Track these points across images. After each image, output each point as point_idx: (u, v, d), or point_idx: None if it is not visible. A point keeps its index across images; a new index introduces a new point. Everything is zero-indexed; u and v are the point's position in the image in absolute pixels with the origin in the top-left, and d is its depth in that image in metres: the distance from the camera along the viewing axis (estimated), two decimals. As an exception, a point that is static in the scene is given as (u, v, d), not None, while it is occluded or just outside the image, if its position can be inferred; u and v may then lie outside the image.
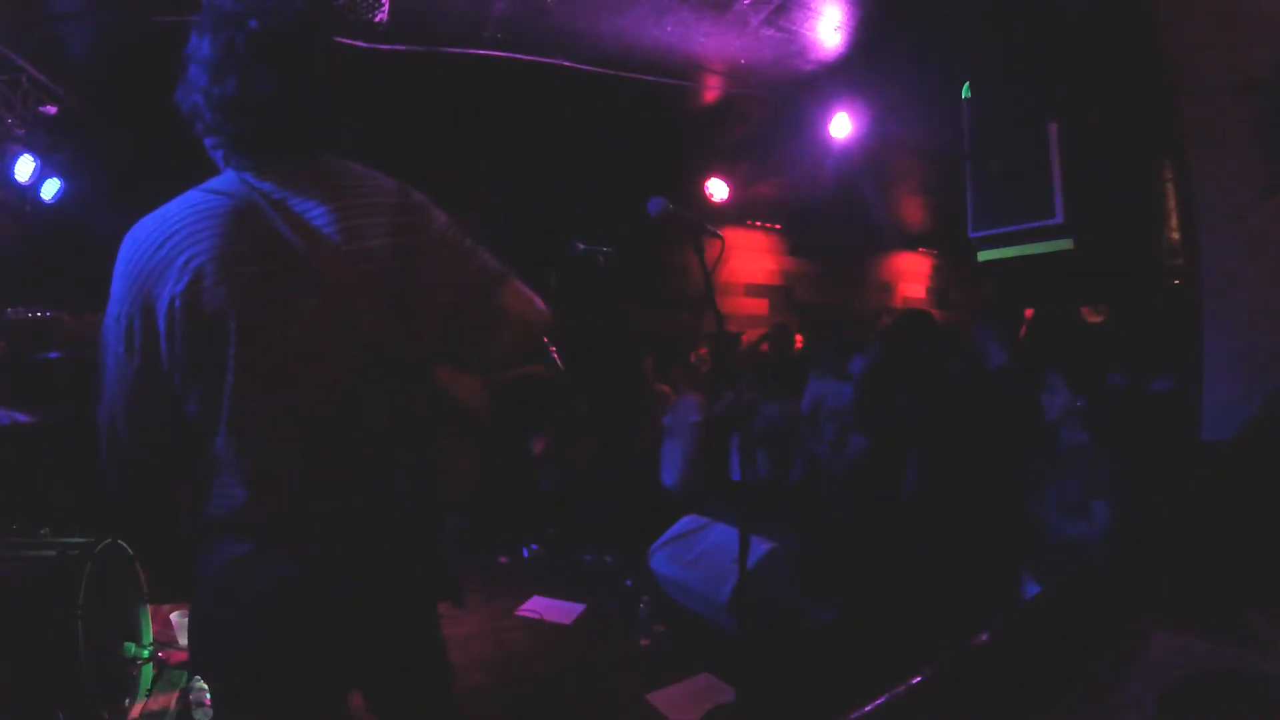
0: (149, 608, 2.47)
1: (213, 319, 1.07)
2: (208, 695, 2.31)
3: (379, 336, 1.13)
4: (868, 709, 0.68)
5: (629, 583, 3.75)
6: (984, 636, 0.80)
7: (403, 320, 1.16)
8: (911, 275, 8.67)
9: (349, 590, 1.12)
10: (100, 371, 1.19)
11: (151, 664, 2.39)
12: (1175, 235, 3.03)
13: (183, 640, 2.75)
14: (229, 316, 1.06)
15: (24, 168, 3.75)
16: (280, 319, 1.09)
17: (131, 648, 2.30)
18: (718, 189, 5.92)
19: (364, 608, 1.13)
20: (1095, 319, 4.20)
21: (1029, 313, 4.20)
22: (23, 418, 2.90)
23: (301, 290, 1.10)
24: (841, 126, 4.53)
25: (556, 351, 3.48)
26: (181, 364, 1.10)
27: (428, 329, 1.20)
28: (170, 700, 2.40)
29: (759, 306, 7.29)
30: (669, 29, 3.78)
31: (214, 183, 1.16)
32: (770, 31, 3.82)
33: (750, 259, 7.27)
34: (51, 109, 3.87)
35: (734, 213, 6.56)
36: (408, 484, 1.18)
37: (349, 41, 3.60)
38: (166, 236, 1.12)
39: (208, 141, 1.20)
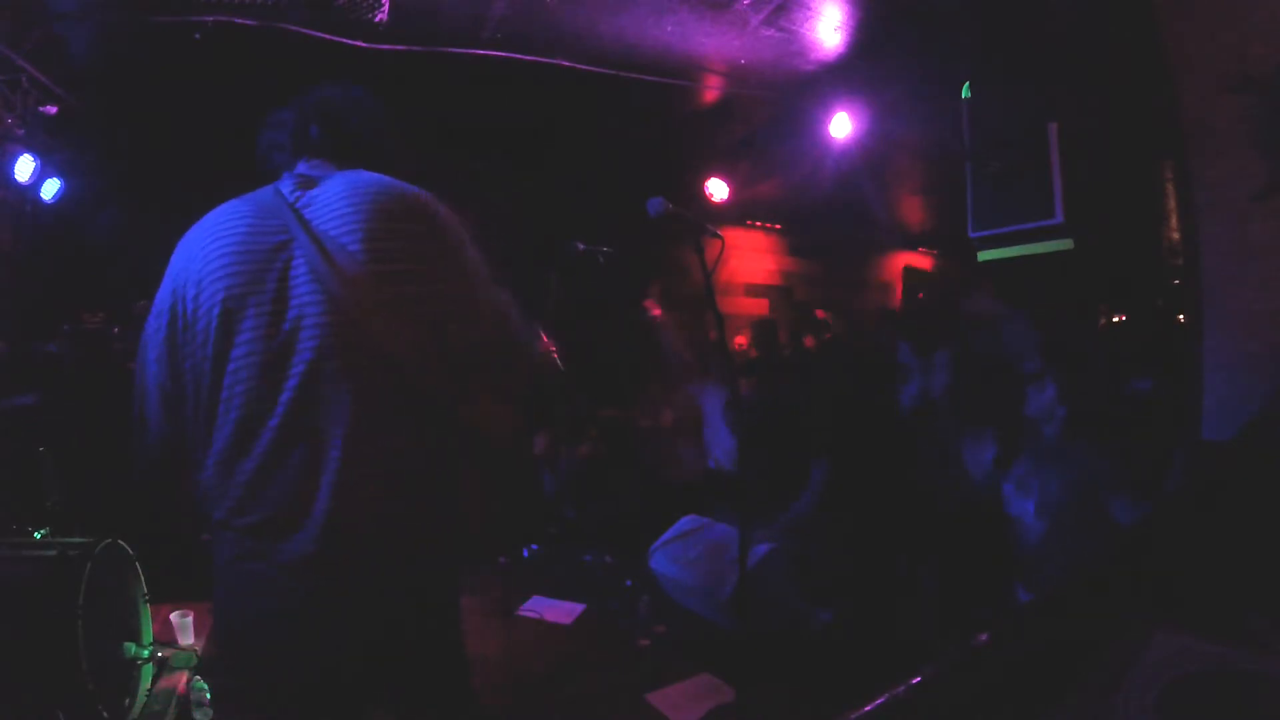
0: (149, 608, 2.47)
1: (217, 322, 1.12)
2: (208, 695, 2.32)
3: (398, 358, 1.12)
4: (868, 709, 0.68)
5: (629, 583, 3.74)
6: (984, 636, 0.80)
7: (423, 343, 1.15)
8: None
9: (343, 604, 1.11)
10: (140, 368, 1.24)
11: (151, 664, 2.39)
12: (1175, 235, 3.03)
13: (183, 640, 2.75)
14: (233, 319, 1.12)
15: (24, 168, 3.75)
16: (278, 328, 1.11)
17: (131, 648, 2.30)
18: (718, 189, 5.92)
19: (360, 620, 1.12)
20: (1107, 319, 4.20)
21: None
22: (26, 400, 2.91)
23: (313, 306, 1.12)
24: (841, 126, 4.53)
25: (556, 351, 3.48)
26: (195, 369, 1.14)
27: (448, 355, 1.18)
28: (178, 681, 2.41)
29: (759, 306, 7.29)
30: (669, 29, 3.78)
31: (251, 194, 1.25)
32: (770, 31, 3.82)
33: (750, 259, 7.27)
34: (51, 109, 3.87)
35: (734, 213, 6.55)
36: (420, 505, 1.16)
37: (349, 41, 3.60)
38: (196, 244, 1.20)
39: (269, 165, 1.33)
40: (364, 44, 3.63)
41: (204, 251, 1.17)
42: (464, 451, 1.22)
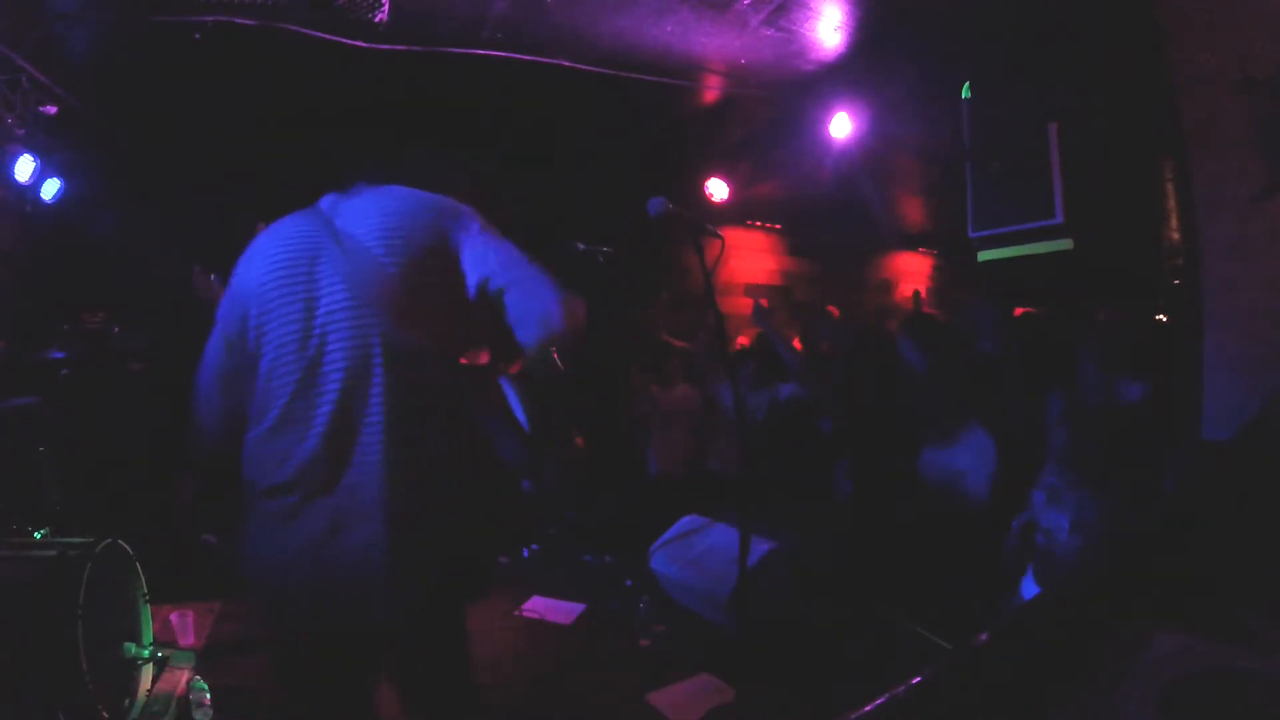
0: (149, 608, 2.47)
1: (263, 325, 1.30)
2: (207, 695, 2.32)
3: (418, 348, 1.25)
4: (868, 709, 0.68)
5: (629, 583, 3.75)
6: (984, 636, 0.80)
7: (440, 335, 1.27)
8: (911, 275, 8.66)
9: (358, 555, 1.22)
10: (204, 370, 1.41)
11: (152, 664, 2.39)
12: (1175, 235, 3.04)
13: (183, 640, 2.76)
14: (273, 321, 1.29)
15: (24, 168, 3.75)
16: (312, 327, 1.27)
17: (131, 648, 2.30)
18: (718, 189, 5.91)
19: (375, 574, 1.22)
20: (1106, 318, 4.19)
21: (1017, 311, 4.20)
22: (27, 401, 2.91)
23: (341, 303, 1.27)
24: (841, 126, 4.53)
25: (556, 351, 3.47)
26: (245, 367, 1.32)
27: (462, 345, 1.33)
28: (179, 681, 2.41)
29: (759, 307, 7.28)
30: (669, 29, 3.77)
31: (300, 210, 1.42)
32: (770, 31, 3.82)
33: (750, 259, 7.27)
34: (51, 109, 3.86)
35: (734, 213, 6.55)
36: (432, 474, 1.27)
37: (349, 41, 3.60)
38: (249, 259, 1.38)
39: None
40: (364, 44, 3.63)
41: (252, 264, 1.36)
42: (471, 432, 1.32)
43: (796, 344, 5.17)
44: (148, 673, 2.38)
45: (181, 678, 2.50)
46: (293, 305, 1.27)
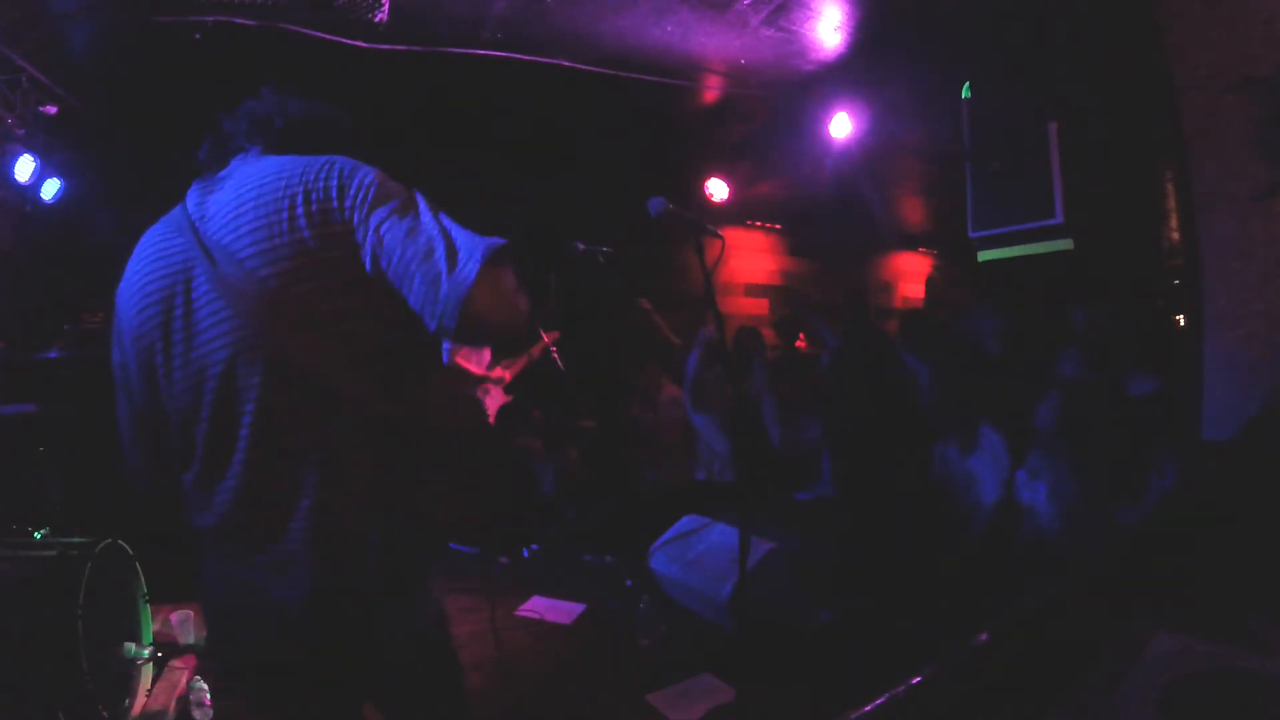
0: (149, 608, 2.47)
1: (144, 357, 1.15)
2: (208, 695, 2.32)
3: (306, 365, 1.05)
4: (868, 709, 0.68)
5: (629, 583, 3.74)
6: (984, 636, 0.80)
7: (329, 345, 1.06)
8: (911, 275, 8.66)
9: (288, 592, 1.09)
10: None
11: (151, 664, 2.39)
12: (1175, 235, 3.03)
13: (183, 640, 2.75)
14: (155, 350, 1.13)
15: (24, 168, 3.75)
16: (192, 351, 1.10)
17: (131, 648, 2.30)
18: (718, 189, 5.91)
19: (308, 608, 1.09)
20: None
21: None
22: (25, 408, 2.90)
23: (218, 326, 1.08)
24: (841, 126, 4.53)
25: (557, 352, 3.47)
26: (139, 402, 1.20)
27: (360, 352, 1.08)
28: (170, 699, 2.40)
29: (759, 306, 7.29)
30: (669, 29, 3.78)
31: (169, 212, 1.23)
32: (770, 31, 3.82)
33: (750, 259, 7.26)
34: (51, 109, 3.87)
35: (734, 213, 6.55)
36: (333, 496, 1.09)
37: (349, 41, 3.60)
38: (124, 280, 1.21)
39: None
40: (364, 44, 3.63)
41: (126, 287, 1.18)
42: (417, 444, 1.14)
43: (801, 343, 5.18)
44: (148, 673, 2.38)
45: (182, 677, 2.50)
46: (177, 343, 1.10)
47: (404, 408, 1.11)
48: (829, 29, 3.80)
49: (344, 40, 3.58)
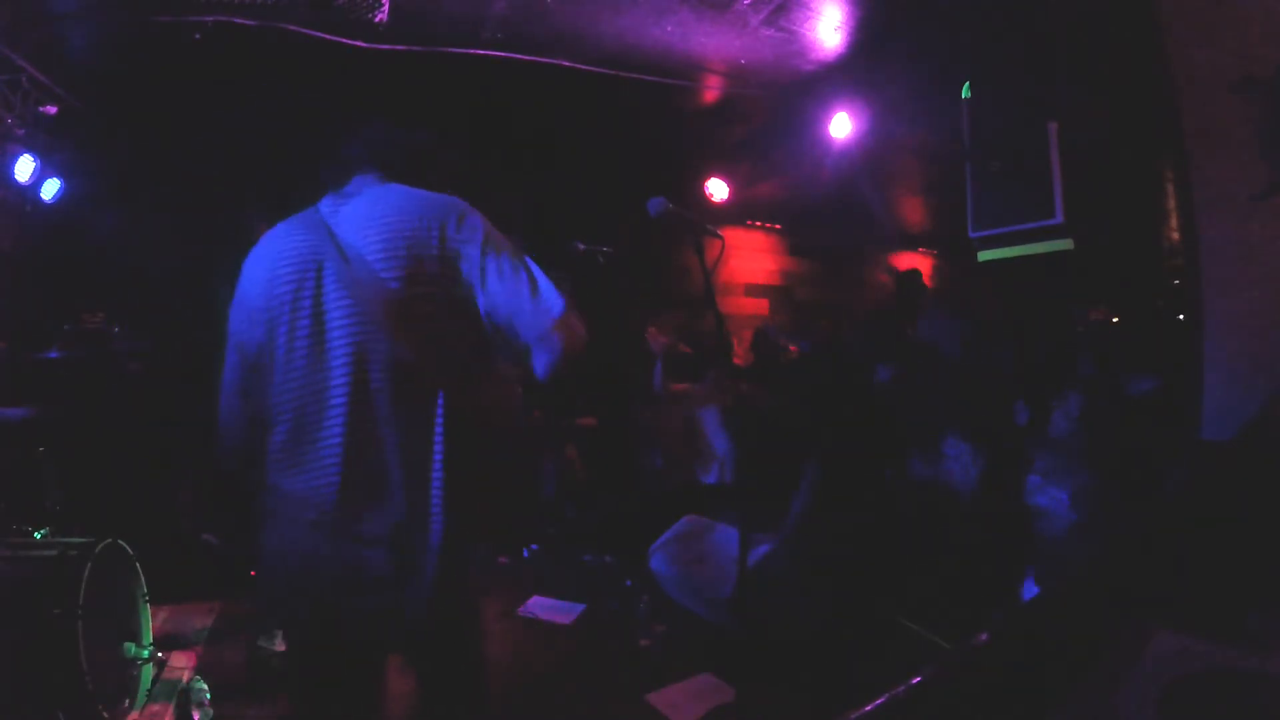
0: (149, 608, 2.47)
1: (267, 334, 1.34)
2: (207, 695, 2.32)
3: (411, 357, 1.28)
4: (868, 709, 0.68)
5: (629, 583, 3.75)
6: (984, 636, 0.80)
7: (431, 343, 1.30)
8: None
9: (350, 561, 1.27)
10: (222, 383, 1.46)
11: (151, 664, 2.39)
12: (1175, 235, 3.03)
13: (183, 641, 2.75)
14: (278, 329, 1.33)
15: (24, 168, 3.75)
16: (318, 334, 1.31)
17: (131, 648, 2.30)
18: (718, 189, 5.91)
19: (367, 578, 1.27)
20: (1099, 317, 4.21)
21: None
22: (23, 412, 2.90)
23: (342, 313, 1.30)
24: (841, 126, 4.53)
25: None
26: (255, 377, 1.37)
27: (454, 352, 1.32)
28: (166, 712, 2.40)
29: (759, 306, 7.28)
30: (669, 29, 3.77)
31: (300, 213, 1.43)
32: (770, 31, 3.82)
33: (750, 259, 7.26)
34: (51, 109, 3.87)
35: (734, 213, 6.54)
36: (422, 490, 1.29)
37: (349, 41, 3.60)
38: (249, 265, 1.41)
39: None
40: (364, 44, 3.63)
41: (258, 272, 1.38)
42: (470, 440, 1.33)
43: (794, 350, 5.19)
44: (148, 673, 2.38)
45: (182, 677, 2.50)
46: (301, 318, 1.31)
47: (472, 401, 1.34)
48: (829, 29, 3.80)
49: (344, 40, 3.59)
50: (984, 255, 3.25)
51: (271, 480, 1.33)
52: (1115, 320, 4.21)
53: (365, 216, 1.34)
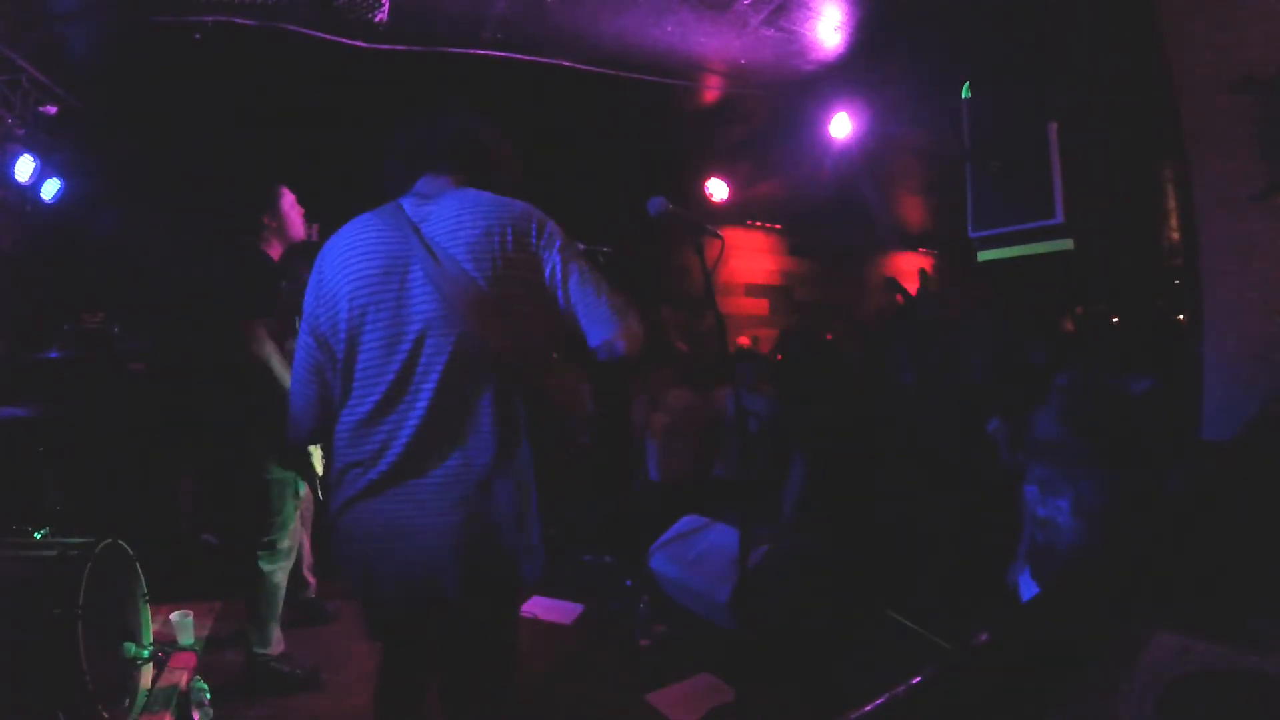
0: (149, 608, 2.47)
1: (354, 321, 1.42)
2: (207, 695, 2.32)
3: (498, 350, 1.39)
4: (868, 709, 0.68)
5: (629, 583, 3.75)
6: (984, 636, 0.80)
7: (516, 337, 1.41)
8: (912, 275, 8.66)
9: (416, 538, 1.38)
10: (296, 364, 1.55)
11: (151, 664, 2.39)
12: (1175, 235, 3.03)
13: (182, 640, 2.75)
14: (365, 318, 1.42)
15: (24, 168, 3.75)
16: (403, 326, 1.40)
17: (131, 648, 2.30)
18: (718, 189, 5.92)
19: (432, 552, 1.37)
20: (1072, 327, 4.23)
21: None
22: (23, 412, 2.90)
23: (429, 308, 1.39)
24: (841, 126, 4.53)
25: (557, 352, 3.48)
26: (335, 360, 1.46)
27: (537, 345, 1.45)
28: (179, 681, 2.41)
29: (759, 306, 7.29)
30: (669, 29, 3.78)
31: (379, 209, 1.52)
32: (770, 31, 3.83)
33: (750, 259, 7.27)
34: (51, 109, 3.87)
35: (734, 213, 6.55)
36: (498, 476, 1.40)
37: (349, 41, 3.60)
38: (332, 253, 1.49)
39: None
40: (364, 44, 3.63)
41: (343, 263, 1.46)
42: (545, 424, 1.48)
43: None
44: (148, 673, 2.38)
45: (182, 677, 2.50)
46: (386, 309, 1.40)
47: (550, 387, 1.47)
48: (829, 29, 3.80)
49: (344, 40, 3.59)
50: (984, 255, 3.24)
51: (344, 457, 1.43)
52: (1115, 320, 4.21)
53: (455, 220, 1.45)
